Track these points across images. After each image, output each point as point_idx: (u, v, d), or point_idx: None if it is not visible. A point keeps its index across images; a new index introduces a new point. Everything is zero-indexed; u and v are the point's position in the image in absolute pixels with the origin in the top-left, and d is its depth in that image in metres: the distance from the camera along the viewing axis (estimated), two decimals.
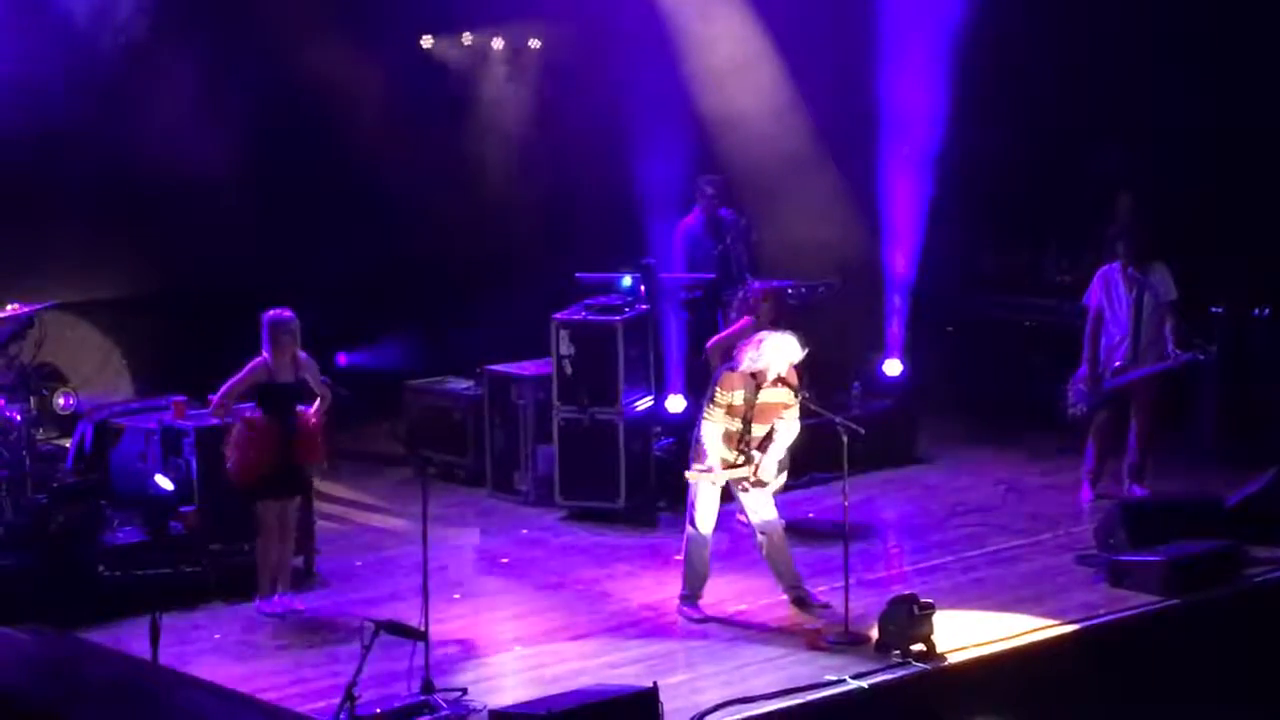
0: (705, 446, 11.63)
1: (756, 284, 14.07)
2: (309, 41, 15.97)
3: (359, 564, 13.01)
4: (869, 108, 16.29)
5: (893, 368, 16.03)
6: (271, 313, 12.01)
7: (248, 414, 11.90)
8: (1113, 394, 14.03)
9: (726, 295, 14.66)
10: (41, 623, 10.85)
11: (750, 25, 16.62)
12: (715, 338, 13.72)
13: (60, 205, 14.81)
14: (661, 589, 12.28)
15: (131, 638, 10.86)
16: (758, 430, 11.70)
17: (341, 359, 16.09)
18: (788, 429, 11.75)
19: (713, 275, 14.90)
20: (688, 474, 11.74)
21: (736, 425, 11.63)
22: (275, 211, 15.78)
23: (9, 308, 13.35)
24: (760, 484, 11.74)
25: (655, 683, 9.95)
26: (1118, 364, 13.98)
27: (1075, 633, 11.43)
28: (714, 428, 11.61)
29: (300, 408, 12.00)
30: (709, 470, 11.62)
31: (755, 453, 11.70)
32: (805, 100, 16.63)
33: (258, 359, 11.94)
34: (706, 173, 15.49)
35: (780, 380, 11.60)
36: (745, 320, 13.43)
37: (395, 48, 17.38)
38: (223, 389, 11.96)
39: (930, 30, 16.12)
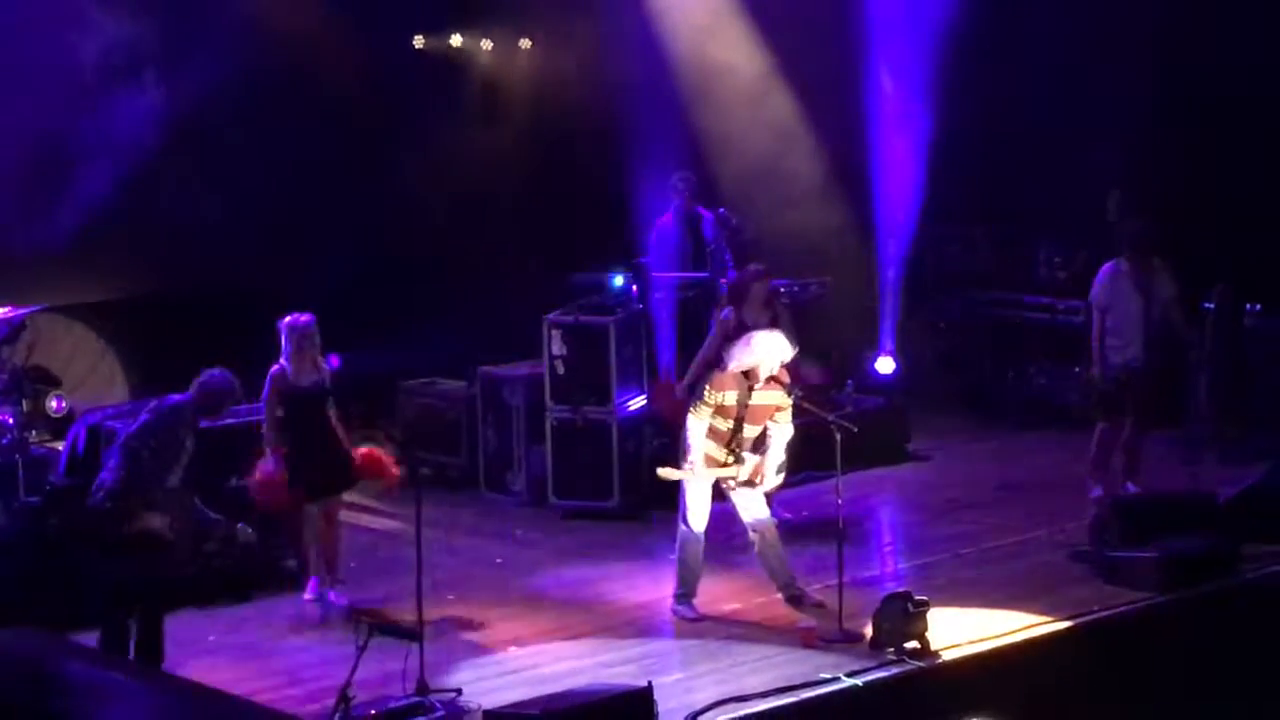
0: (689, 441, 11.56)
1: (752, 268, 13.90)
2: (301, 40, 15.97)
3: (353, 565, 13.00)
4: (860, 103, 16.31)
5: (885, 365, 16.05)
6: (290, 319, 12.00)
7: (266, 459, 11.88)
8: (1113, 390, 14.03)
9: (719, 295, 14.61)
10: (36, 626, 10.82)
11: (741, 22, 16.64)
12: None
13: (52, 207, 14.79)
14: (655, 588, 12.29)
15: None
16: (750, 431, 11.64)
17: (334, 360, 16.07)
18: (782, 433, 11.69)
19: (707, 274, 14.88)
20: (661, 470, 11.66)
21: (727, 425, 11.58)
22: (269, 213, 15.76)
23: (1, 311, 13.35)
24: (749, 485, 11.70)
25: (650, 682, 9.95)
26: (1118, 360, 13.98)
27: (1069, 629, 11.42)
28: (699, 423, 11.52)
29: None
30: (690, 465, 11.54)
31: (746, 454, 11.67)
32: (797, 98, 16.63)
33: (274, 368, 11.94)
34: (682, 169, 15.33)
35: (773, 380, 11.57)
36: (727, 314, 13.32)
37: (387, 48, 17.38)
38: (265, 421, 11.93)
39: (923, 24, 16.14)
